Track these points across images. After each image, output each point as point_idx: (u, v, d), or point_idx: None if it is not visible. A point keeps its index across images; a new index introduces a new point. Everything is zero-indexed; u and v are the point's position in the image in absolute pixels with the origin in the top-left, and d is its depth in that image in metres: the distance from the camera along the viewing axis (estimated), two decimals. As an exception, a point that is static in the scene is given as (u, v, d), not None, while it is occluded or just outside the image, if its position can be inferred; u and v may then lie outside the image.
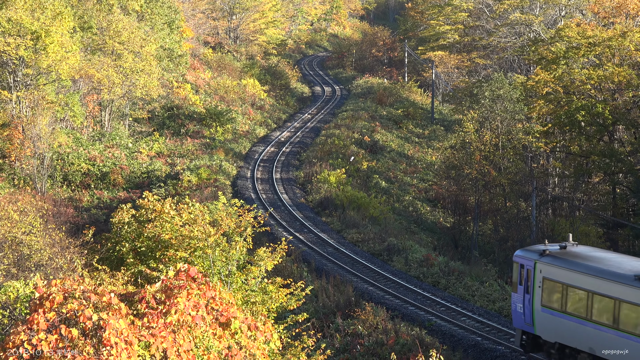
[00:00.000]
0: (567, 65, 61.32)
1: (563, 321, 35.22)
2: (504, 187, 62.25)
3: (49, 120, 64.69)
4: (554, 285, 35.34)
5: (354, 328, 41.09)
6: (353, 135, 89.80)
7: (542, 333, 35.93)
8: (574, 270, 34.72)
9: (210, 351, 18.52)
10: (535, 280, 36.20)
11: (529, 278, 36.43)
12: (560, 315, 35.29)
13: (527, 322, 36.47)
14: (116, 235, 30.28)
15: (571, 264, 35.05)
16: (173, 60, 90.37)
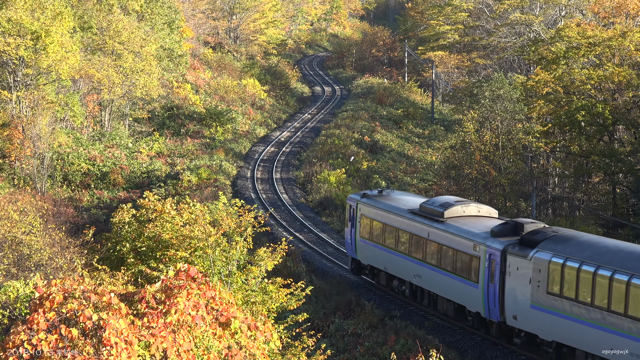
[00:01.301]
0: (567, 65, 61.33)
1: (370, 247, 44.95)
2: (504, 187, 62.25)
3: (49, 120, 64.72)
4: (366, 220, 45.05)
5: (354, 328, 41.11)
6: (353, 135, 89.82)
7: (361, 258, 45.96)
8: (376, 207, 44.36)
9: (210, 351, 18.52)
10: (357, 216, 46.05)
11: (354, 215, 46.23)
12: (369, 243, 44.94)
13: (353, 250, 46.55)
14: (116, 235, 30.29)
15: (376, 203, 44.62)
16: (173, 60, 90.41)
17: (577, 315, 32.88)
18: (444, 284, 39.65)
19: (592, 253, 33.05)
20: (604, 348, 31.89)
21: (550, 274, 33.97)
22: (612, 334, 31.49)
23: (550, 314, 34.13)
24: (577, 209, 61.25)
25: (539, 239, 35.22)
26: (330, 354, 30.36)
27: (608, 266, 31.86)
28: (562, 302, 33.47)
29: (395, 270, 43.21)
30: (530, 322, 35.03)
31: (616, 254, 32.58)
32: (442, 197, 43.34)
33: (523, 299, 35.16)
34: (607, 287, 31.67)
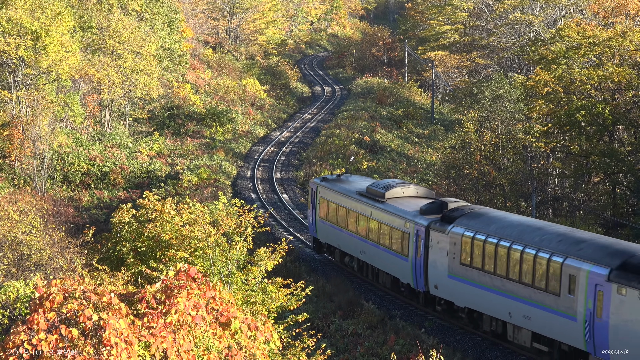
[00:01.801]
0: (567, 65, 61.31)
1: (327, 227, 49.15)
2: (504, 187, 62.25)
3: (49, 120, 64.72)
4: (324, 202, 49.19)
5: (354, 328, 41.11)
6: (353, 135, 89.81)
7: (320, 237, 50.31)
8: (332, 190, 48.37)
9: (210, 351, 18.52)
10: (317, 199, 50.11)
11: (314, 198, 50.26)
12: (326, 223, 49.11)
13: (314, 230, 50.90)
14: (116, 235, 30.30)
15: (332, 186, 48.61)
16: (173, 60, 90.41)
17: (483, 283, 36.92)
18: (382, 258, 43.87)
19: (497, 227, 36.98)
20: (505, 312, 35.87)
21: (463, 247, 38.06)
22: (510, 299, 35.46)
23: (463, 283, 38.28)
24: (577, 209, 61.25)
25: (456, 215, 39.24)
26: (330, 354, 30.37)
27: (508, 239, 35.82)
28: (472, 271, 37.54)
29: (346, 247, 47.50)
30: (448, 290, 39.24)
31: (516, 228, 36.39)
32: (388, 180, 48.06)
33: (442, 270, 39.29)
34: (506, 257, 35.73)
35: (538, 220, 41.39)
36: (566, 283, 32.87)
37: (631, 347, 30.51)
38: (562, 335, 33.38)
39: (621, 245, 33.16)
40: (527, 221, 37.81)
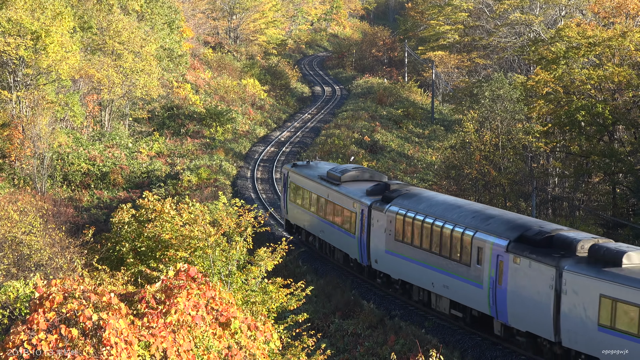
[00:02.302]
0: (567, 65, 61.31)
1: (295, 209, 52.94)
2: (504, 187, 62.25)
3: (49, 120, 64.71)
4: (293, 185, 52.79)
5: (354, 328, 41.10)
6: (353, 135, 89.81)
7: (290, 219, 54.16)
8: (299, 174, 52.02)
9: (210, 351, 18.53)
10: (287, 183, 53.83)
11: (286, 182, 54.08)
12: (294, 205, 52.91)
13: (285, 212, 54.73)
14: (116, 235, 30.31)
15: (300, 171, 52.38)
16: (173, 60, 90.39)
17: (412, 257, 41.04)
18: (336, 236, 47.88)
19: (425, 206, 41.01)
20: (429, 282, 40.15)
21: (397, 224, 42.03)
22: (433, 270, 39.59)
23: (397, 257, 42.37)
24: (577, 209, 61.25)
25: (394, 196, 43.08)
26: (330, 354, 30.37)
27: (432, 216, 39.84)
28: (404, 246, 41.57)
29: (310, 227, 51.44)
30: (385, 264, 43.41)
31: (440, 206, 40.47)
32: (347, 165, 52.16)
33: (381, 245, 43.33)
34: (429, 233, 39.79)
35: (461, 199, 44.72)
36: (475, 254, 36.97)
37: (523, 310, 34.46)
38: (472, 301, 37.47)
39: (522, 220, 37.11)
40: (451, 200, 42.13)
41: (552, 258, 33.46)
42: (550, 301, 33.33)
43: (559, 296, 32.97)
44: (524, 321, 34.76)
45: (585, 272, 32.23)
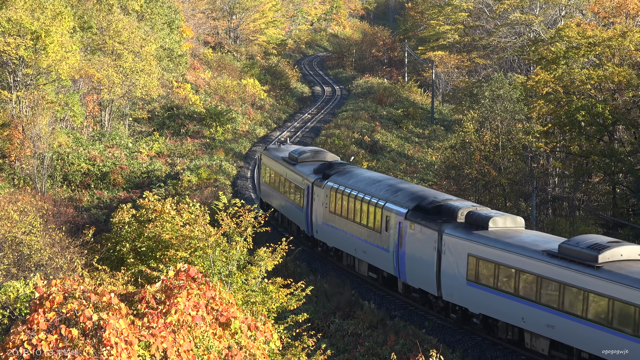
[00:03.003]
0: (567, 65, 61.30)
1: (266, 188, 58.33)
2: (504, 187, 62.24)
3: (49, 120, 64.69)
4: (264, 167, 58.12)
5: (354, 328, 41.09)
6: (353, 135, 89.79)
7: (262, 197, 59.40)
8: (269, 156, 57.11)
9: (210, 351, 18.52)
10: (260, 164, 59.62)
11: (259, 164, 59.90)
12: (265, 184, 58.44)
13: (258, 191, 60.46)
14: (116, 235, 30.29)
15: (270, 153, 57.47)
16: (173, 60, 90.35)
17: (341, 227, 46.62)
18: (291, 211, 53.41)
19: (353, 181, 46.39)
20: (353, 248, 46.00)
21: (331, 198, 47.44)
22: (355, 238, 45.20)
23: (331, 227, 48.01)
24: (577, 209, 61.24)
25: (332, 173, 48.64)
26: (330, 354, 30.35)
27: (356, 189, 45.20)
28: (335, 218, 47.07)
29: (275, 203, 56.67)
30: (323, 234, 48.96)
31: (364, 181, 45.83)
32: (306, 147, 58.18)
33: (320, 217, 48.82)
34: (353, 205, 45.21)
35: (383, 175, 50.49)
36: (384, 222, 42.53)
37: (416, 269, 40.33)
38: (382, 264, 43.28)
39: (422, 192, 42.50)
40: (374, 176, 47.51)
41: (436, 223, 39.02)
42: (433, 261, 38.92)
43: (440, 256, 38.52)
44: (417, 279, 40.60)
45: (458, 234, 37.78)
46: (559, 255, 33.36)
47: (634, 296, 30.34)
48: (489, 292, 36.17)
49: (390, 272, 42.66)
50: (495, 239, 36.13)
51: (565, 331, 33.10)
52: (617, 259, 32.38)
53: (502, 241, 35.79)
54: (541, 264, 33.84)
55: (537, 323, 34.11)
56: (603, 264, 32.08)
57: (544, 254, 33.97)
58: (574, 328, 32.70)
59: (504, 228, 37.31)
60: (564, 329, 33.11)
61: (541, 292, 33.89)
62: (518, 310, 34.91)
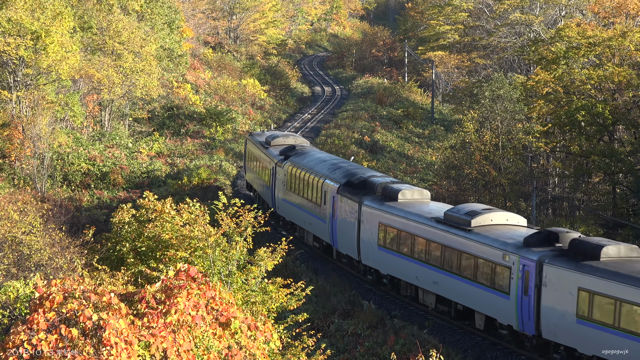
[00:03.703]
0: (567, 65, 61.31)
1: (248, 170, 64.01)
2: (504, 187, 62.25)
3: (49, 120, 64.69)
4: (248, 151, 64.10)
5: (354, 328, 41.08)
6: (353, 135, 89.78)
7: (247, 179, 65.39)
8: (251, 142, 62.83)
9: (210, 351, 18.53)
10: (245, 149, 65.84)
11: (245, 149, 65.81)
12: (248, 167, 64.09)
13: (244, 174, 65.68)
14: (116, 235, 30.28)
15: (252, 138, 62.99)
16: (173, 60, 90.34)
17: (294, 202, 52.07)
18: (263, 189, 58.49)
19: (306, 162, 51.50)
20: (302, 221, 51.46)
21: (288, 177, 52.60)
22: (303, 211, 50.68)
23: (289, 204, 53.28)
24: (577, 209, 61.24)
25: (291, 154, 53.83)
26: (330, 354, 30.34)
27: (306, 168, 50.44)
28: (290, 194, 52.47)
29: (255, 184, 61.91)
30: (282, 209, 54.47)
31: (314, 161, 51.01)
32: (283, 132, 65.78)
33: (281, 194, 54.16)
34: (302, 181, 50.33)
35: (331, 155, 55.64)
36: (323, 197, 47.71)
37: (344, 237, 45.49)
38: (321, 233, 48.60)
39: (356, 170, 47.63)
40: (323, 156, 52.75)
41: (358, 196, 44.14)
42: (354, 229, 44.25)
43: (360, 225, 43.58)
44: (345, 246, 45.93)
45: (373, 205, 42.83)
46: (443, 221, 38.38)
47: (494, 255, 35.42)
48: (393, 255, 41.56)
49: (327, 241, 48.31)
50: (400, 208, 41.24)
51: (446, 287, 38.38)
52: (487, 224, 37.14)
53: (405, 210, 40.92)
54: (429, 228, 38.98)
55: (426, 280, 39.64)
56: (474, 228, 36.85)
57: (432, 220, 39.01)
58: (452, 284, 37.88)
59: (412, 200, 42.16)
60: (445, 285, 38.40)
61: (429, 253, 39.17)
62: (414, 270, 40.28)
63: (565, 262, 32.74)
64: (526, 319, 34.15)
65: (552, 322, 33.06)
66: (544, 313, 33.40)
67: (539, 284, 33.44)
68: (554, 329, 33.04)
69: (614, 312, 30.70)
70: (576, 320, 31.90)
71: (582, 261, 32.23)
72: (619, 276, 30.79)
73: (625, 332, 30.47)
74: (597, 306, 31.23)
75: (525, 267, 33.98)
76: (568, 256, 33.08)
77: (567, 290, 32.19)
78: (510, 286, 34.78)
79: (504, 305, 35.21)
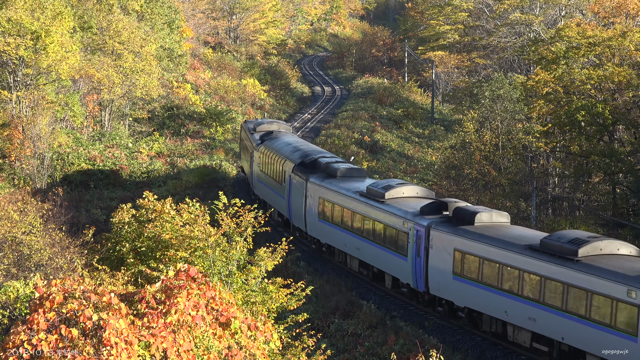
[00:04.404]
0: (567, 65, 61.29)
1: (241, 153, 69.10)
2: (504, 187, 62.24)
3: (49, 120, 64.70)
4: (240, 137, 69.77)
5: (354, 328, 41.08)
6: (353, 135, 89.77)
7: (242, 164, 68.36)
8: (244, 128, 67.64)
9: (210, 351, 18.53)
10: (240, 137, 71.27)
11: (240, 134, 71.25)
12: (242, 152, 68.72)
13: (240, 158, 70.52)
14: (116, 235, 30.28)
15: (246, 125, 67.88)
16: (173, 60, 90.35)
17: (264, 181, 57.76)
18: (248, 172, 63.62)
19: (276, 145, 57.02)
20: (270, 198, 56.73)
21: (260, 158, 58.46)
22: (270, 189, 56.23)
23: (261, 183, 58.77)
24: (577, 209, 61.22)
25: (266, 138, 59.75)
26: (330, 354, 30.34)
27: (274, 150, 55.93)
28: (261, 174, 58.23)
29: (245, 167, 66.90)
30: (257, 189, 60.06)
31: (282, 144, 56.53)
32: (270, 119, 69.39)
33: (256, 175, 60.23)
34: (272, 163, 55.48)
35: (298, 139, 61.28)
36: (283, 175, 53.32)
37: (296, 211, 51.37)
38: (282, 209, 54.12)
39: (312, 151, 53.67)
40: (289, 140, 57.93)
41: (306, 174, 49.82)
42: (302, 203, 50.13)
43: (306, 200, 48.90)
44: (296, 219, 51.67)
45: (315, 181, 48.53)
46: (365, 194, 43.86)
47: (397, 223, 40.72)
48: (329, 226, 46.77)
49: (286, 216, 53.84)
50: (336, 183, 46.28)
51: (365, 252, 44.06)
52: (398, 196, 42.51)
53: (339, 185, 46.04)
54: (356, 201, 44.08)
55: (352, 247, 45.32)
56: (387, 200, 42.26)
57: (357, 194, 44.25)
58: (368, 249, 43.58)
59: (349, 176, 48.07)
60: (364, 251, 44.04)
61: (353, 224, 44.54)
62: (343, 239, 45.94)
63: (447, 227, 38.01)
64: (419, 277, 39.63)
65: (436, 279, 38.75)
66: (430, 272, 38.93)
67: (428, 246, 38.77)
68: (437, 285, 38.75)
69: (477, 269, 36.13)
70: (452, 277, 37.47)
71: (459, 226, 37.55)
72: (483, 237, 35.97)
73: (485, 285, 35.74)
74: (466, 264, 36.69)
75: (418, 232, 39.23)
76: (451, 222, 38.36)
77: (447, 251, 37.66)
78: (407, 249, 40.17)
79: (404, 266, 40.62)
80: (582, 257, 31.87)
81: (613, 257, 32.01)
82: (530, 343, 34.07)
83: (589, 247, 32.10)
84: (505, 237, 35.68)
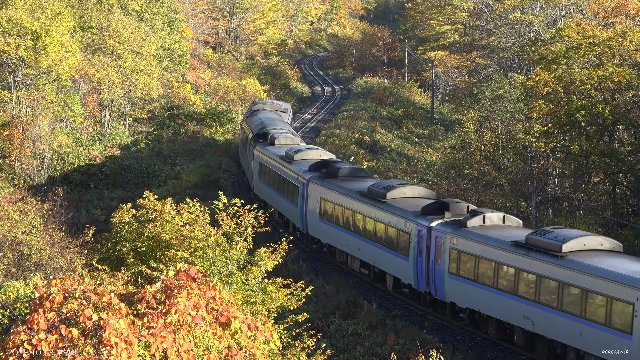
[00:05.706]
0: (567, 65, 61.27)
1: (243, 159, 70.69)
2: (504, 187, 62.23)
3: (49, 120, 64.70)
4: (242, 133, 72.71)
5: (354, 328, 41.08)
6: (353, 135, 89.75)
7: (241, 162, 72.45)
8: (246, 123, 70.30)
9: (210, 351, 18.53)
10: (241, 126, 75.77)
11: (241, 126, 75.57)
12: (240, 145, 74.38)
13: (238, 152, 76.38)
14: (116, 235, 30.27)
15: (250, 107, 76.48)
16: (173, 60, 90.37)
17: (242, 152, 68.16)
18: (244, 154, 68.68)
19: (251, 120, 66.59)
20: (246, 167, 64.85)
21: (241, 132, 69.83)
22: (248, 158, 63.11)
23: (241, 154, 69.90)
24: (577, 209, 61.21)
25: (248, 115, 69.36)
26: (330, 354, 30.35)
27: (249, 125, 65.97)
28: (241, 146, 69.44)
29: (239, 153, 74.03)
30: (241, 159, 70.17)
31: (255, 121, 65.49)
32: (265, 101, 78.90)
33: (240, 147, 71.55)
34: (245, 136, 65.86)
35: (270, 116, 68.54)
36: (249, 146, 62.66)
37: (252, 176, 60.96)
38: (248, 174, 63.00)
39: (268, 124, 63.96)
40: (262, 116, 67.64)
41: (258, 144, 59.56)
42: (256, 170, 59.62)
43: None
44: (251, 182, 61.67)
45: (261, 148, 58.24)
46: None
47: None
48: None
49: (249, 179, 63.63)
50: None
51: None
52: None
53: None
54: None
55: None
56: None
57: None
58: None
59: (285, 144, 57.12)
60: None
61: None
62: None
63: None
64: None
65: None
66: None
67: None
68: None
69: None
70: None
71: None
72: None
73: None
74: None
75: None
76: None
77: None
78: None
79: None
80: (388, 199, 42.86)
81: (410, 199, 42.52)
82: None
83: (395, 191, 42.71)
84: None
